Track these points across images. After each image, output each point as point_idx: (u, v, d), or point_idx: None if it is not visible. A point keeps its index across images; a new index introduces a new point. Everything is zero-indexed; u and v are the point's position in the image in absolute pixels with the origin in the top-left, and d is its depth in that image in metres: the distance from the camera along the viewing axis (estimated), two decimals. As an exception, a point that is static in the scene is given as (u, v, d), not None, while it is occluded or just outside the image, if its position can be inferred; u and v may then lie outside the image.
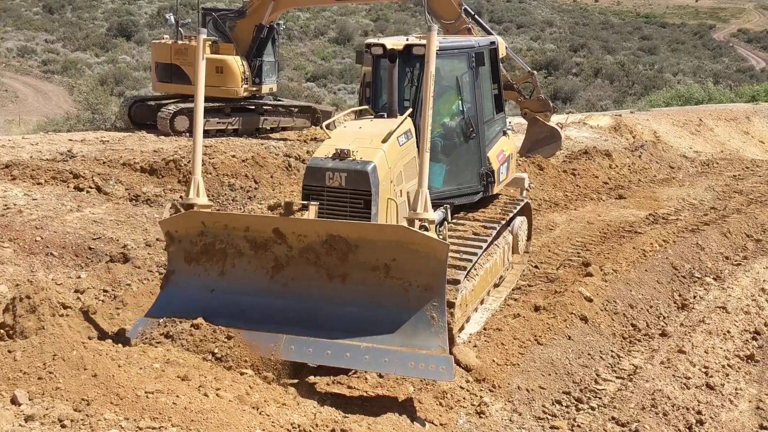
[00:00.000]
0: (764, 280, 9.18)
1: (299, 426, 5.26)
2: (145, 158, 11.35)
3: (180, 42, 15.01)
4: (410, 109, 7.59)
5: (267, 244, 6.10)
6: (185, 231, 6.25)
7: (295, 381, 6.45)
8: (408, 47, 7.63)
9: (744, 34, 74.20)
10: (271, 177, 11.40)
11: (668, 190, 13.87)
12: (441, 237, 5.90)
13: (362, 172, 6.61)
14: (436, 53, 7.66)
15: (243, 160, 11.49)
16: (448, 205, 7.24)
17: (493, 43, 8.85)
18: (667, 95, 29.02)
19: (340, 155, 6.68)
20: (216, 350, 6.00)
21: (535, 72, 15.14)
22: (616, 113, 21.18)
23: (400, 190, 7.02)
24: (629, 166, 15.00)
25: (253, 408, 5.56)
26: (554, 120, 19.76)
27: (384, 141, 6.89)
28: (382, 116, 7.57)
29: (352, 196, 6.68)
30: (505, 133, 9.19)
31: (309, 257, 6.05)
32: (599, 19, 74.03)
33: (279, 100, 16.25)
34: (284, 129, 15.44)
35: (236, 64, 15.01)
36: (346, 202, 6.69)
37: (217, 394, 5.61)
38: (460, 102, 8.30)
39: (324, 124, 7.40)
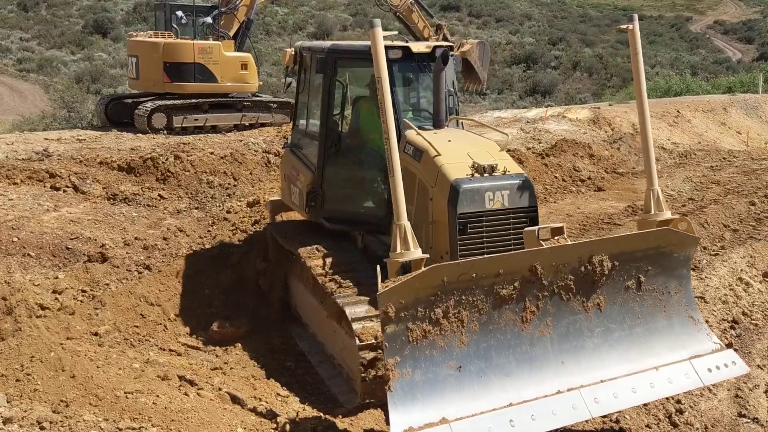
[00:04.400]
0: (741, 270, 9.27)
1: (280, 423, 5.24)
2: (122, 156, 11.25)
3: (204, 41, 15.10)
4: (452, 116, 6.89)
5: (517, 286, 5.03)
6: (414, 297, 4.72)
7: (281, 380, 6.46)
8: (434, 49, 6.78)
9: (720, 26, 74.88)
10: (251, 174, 11.34)
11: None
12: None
13: (527, 187, 5.92)
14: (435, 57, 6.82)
15: (221, 157, 11.42)
16: None
17: None
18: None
19: (488, 171, 5.83)
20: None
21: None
22: (594, 106, 21.29)
23: None
24: (608, 159, 15.09)
25: (235, 406, 5.55)
26: (534, 113, 19.86)
27: (501, 151, 6.29)
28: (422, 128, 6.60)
29: (514, 216, 5.90)
30: None
31: (563, 290, 5.23)
32: (577, 12, 74.36)
33: (258, 96, 16.20)
34: (263, 125, 15.41)
35: (253, 60, 15.32)
36: (509, 224, 5.86)
37: (198, 393, 5.59)
38: None
39: (430, 141, 6.23)
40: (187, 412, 5.02)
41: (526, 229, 5.59)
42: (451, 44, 7.07)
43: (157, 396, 5.17)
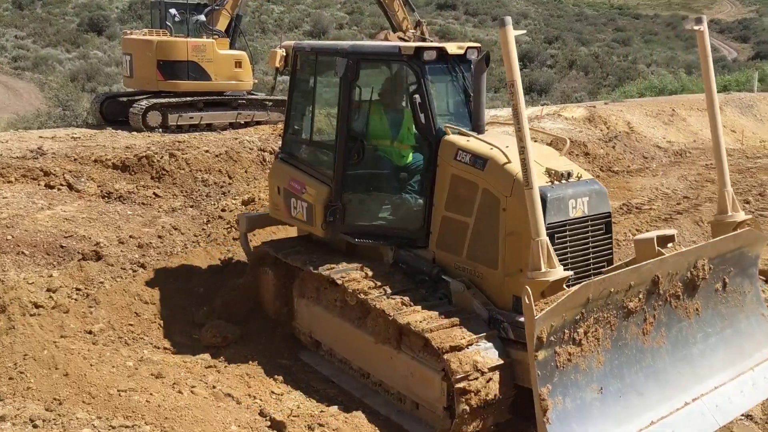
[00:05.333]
0: (736, 268, 9.31)
1: (275, 421, 5.24)
2: (117, 155, 11.22)
3: (198, 39, 15.13)
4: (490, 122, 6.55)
5: (641, 298, 5.01)
6: (562, 319, 4.58)
7: (276, 378, 6.45)
8: (466, 50, 6.50)
9: (716, 25, 74.93)
10: (246, 172, 11.32)
11: (642, 179, 13.99)
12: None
13: (602, 193, 5.80)
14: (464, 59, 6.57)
15: (216, 155, 11.40)
16: None
17: None
18: (640, 86, 29.26)
19: (565, 177, 5.62)
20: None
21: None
22: (590, 104, 21.29)
23: None
24: (603, 157, 15.10)
25: (229, 404, 5.54)
26: (530, 111, 19.85)
27: (561, 156, 6.22)
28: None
29: (593, 223, 5.74)
30: None
31: (673, 298, 5.26)
32: (573, 11, 74.39)
33: (253, 94, 16.19)
34: (258, 123, 15.40)
35: (248, 58, 15.31)
36: (587, 231, 5.66)
37: (192, 391, 5.60)
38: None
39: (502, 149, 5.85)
40: (180, 410, 5.02)
41: (639, 237, 5.54)
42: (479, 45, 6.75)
43: (151, 394, 5.17)
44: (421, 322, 5.49)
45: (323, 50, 7.06)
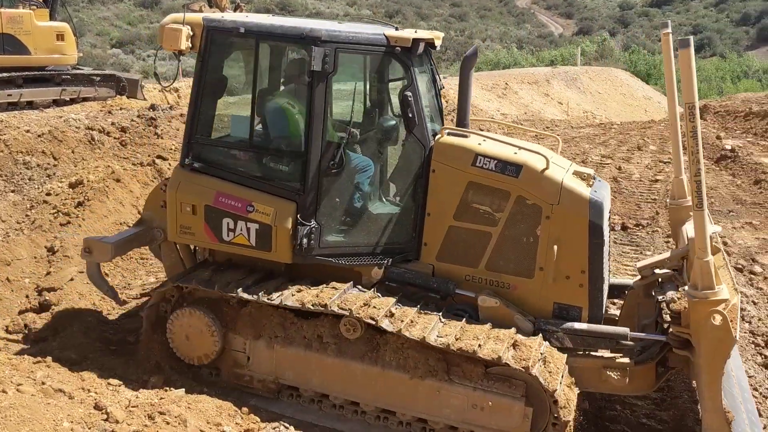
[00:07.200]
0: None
1: (112, 413, 5.01)
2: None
3: (13, 10, 14.01)
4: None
5: None
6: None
7: (113, 368, 6.16)
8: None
9: (543, 1, 79.22)
10: (73, 152, 10.66)
11: (478, 151, 14.58)
12: None
13: (608, 188, 6.03)
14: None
15: (39, 135, 10.63)
16: None
17: None
18: (477, 61, 30.48)
19: (590, 179, 5.74)
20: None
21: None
22: (429, 78, 21.89)
23: None
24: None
25: (61, 400, 5.24)
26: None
27: (558, 154, 6.26)
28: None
29: (611, 222, 5.99)
30: None
31: None
32: (412, -14, 75.80)
33: (78, 69, 15.26)
34: (85, 100, 14.56)
35: (71, 30, 14.51)
36: (609, 229, 5.85)
37: (17, 389, 5.24)
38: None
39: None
40: (4, 410, 4.68)
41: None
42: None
43: (-30, 396, 4.78)
44: (491, 345, 5.21)
45: (270, 33, 5.70)
